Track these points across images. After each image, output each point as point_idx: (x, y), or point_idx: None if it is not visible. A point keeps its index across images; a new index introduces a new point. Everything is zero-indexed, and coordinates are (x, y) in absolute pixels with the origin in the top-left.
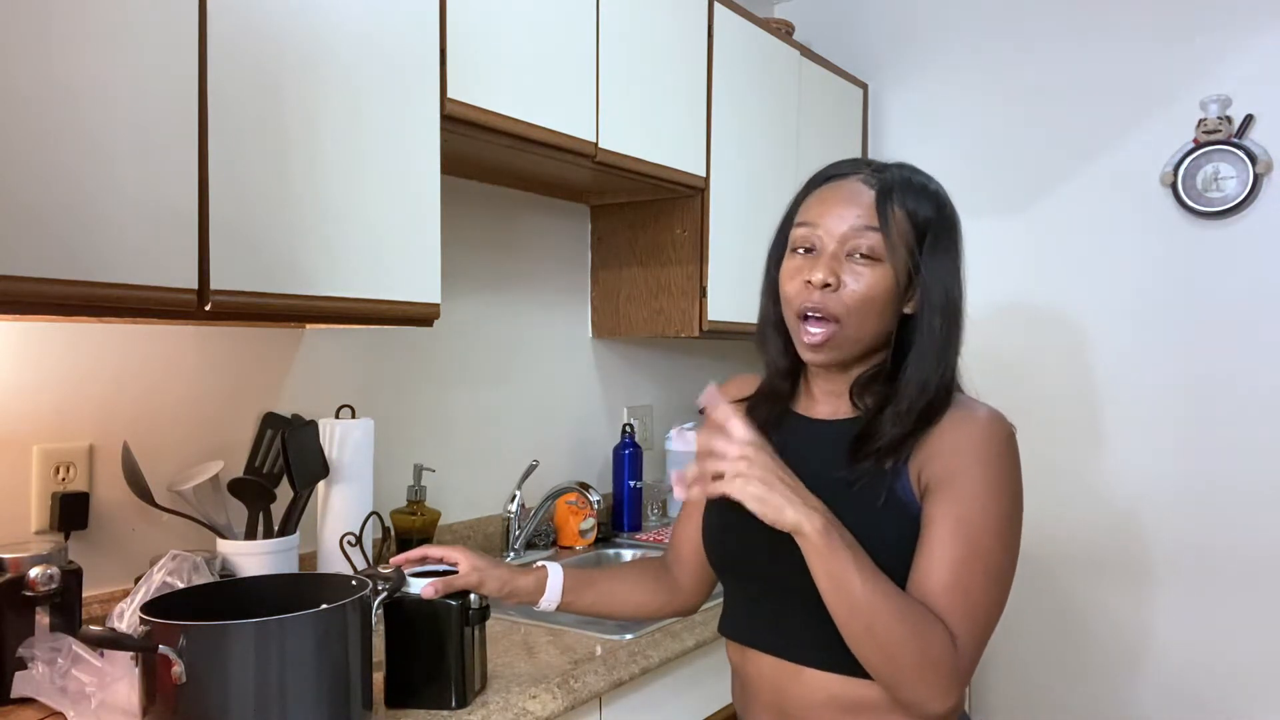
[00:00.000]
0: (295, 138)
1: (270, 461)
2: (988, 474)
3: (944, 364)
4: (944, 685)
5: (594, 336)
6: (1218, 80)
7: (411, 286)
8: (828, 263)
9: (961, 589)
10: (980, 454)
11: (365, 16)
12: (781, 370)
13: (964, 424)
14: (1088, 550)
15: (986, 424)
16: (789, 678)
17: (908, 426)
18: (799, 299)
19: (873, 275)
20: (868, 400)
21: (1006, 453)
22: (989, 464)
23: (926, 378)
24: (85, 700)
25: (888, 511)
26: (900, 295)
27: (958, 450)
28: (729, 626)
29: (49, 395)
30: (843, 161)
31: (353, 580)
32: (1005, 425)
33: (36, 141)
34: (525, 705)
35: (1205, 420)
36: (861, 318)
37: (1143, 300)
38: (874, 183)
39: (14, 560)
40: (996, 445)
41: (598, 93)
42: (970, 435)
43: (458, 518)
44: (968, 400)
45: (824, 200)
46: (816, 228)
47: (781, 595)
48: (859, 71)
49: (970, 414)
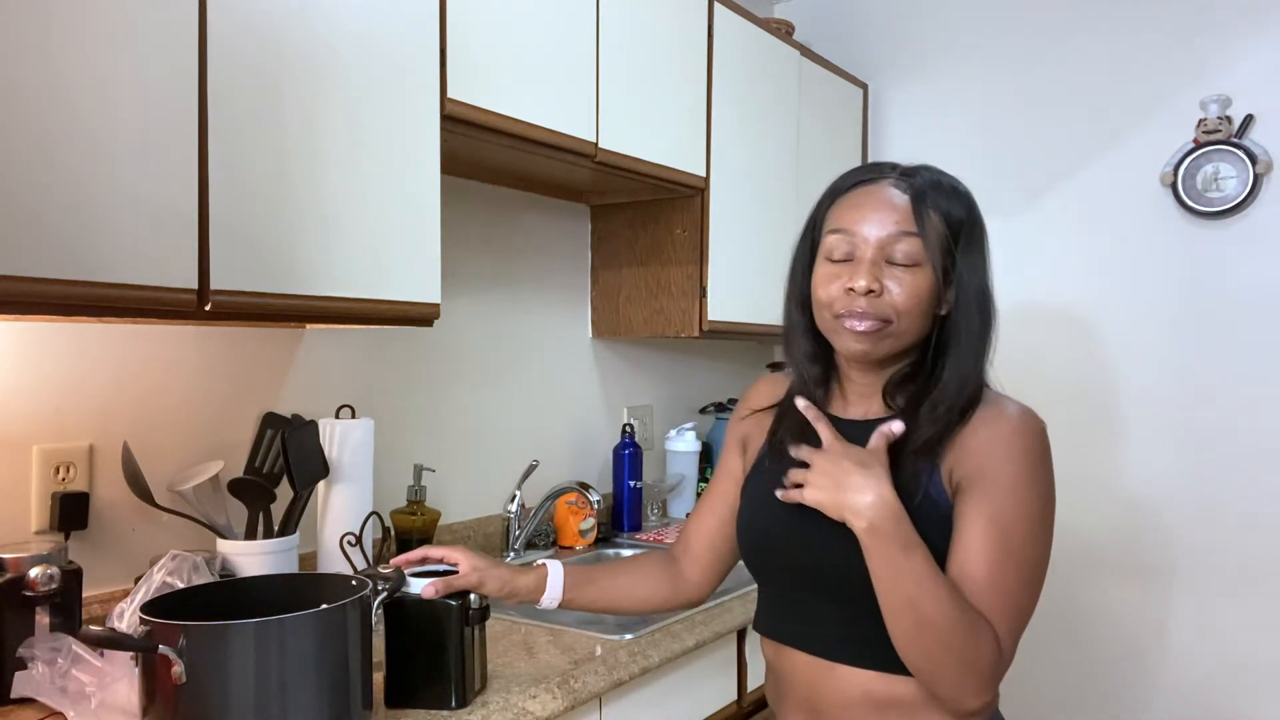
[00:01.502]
0: (295, 138)
1: (270, 461)
2: (1019, 471)
3: (980, 361)
4: (984, 684)
5: (594, 336)
6: (1218, 80)
7: (411, 286)
8: (869, 269)
9: (1000, 588)
10: (1012, 451)
11: (365, 16)
12: (814, 377)
13: (995, 420)
14: (1089, 549)
15: (1018, 420)
16: (822, 674)
17: (944, 426)
18: (840, 304)
19: (914, 280)
20: (899, 400)
21: (1037, 448)
22: (1020, 460)
23: (965, 376)
24: (85, 700)
25: (924, 510)
26: (939, 296)
27: (990, 448)
28: (763, 623)
29: (49, 395)
30: (867, 166)
31: (353, 580)
32: (1037, 421)
33: (36, 141)
34: (525, 705)
35: (1205, 420)
36: (910, 318)
37: (1143, 300)
38: (905, 187)
39: (14, 560)
40: (1027, 441)
41: (598, 93)
42: (1001, 432)
43: (458, 518)
44: (998, 397)
45: (858, 206)
46: (853, 235)
47: (814, 591)
48: (859, 71)
49: (1001, 411)
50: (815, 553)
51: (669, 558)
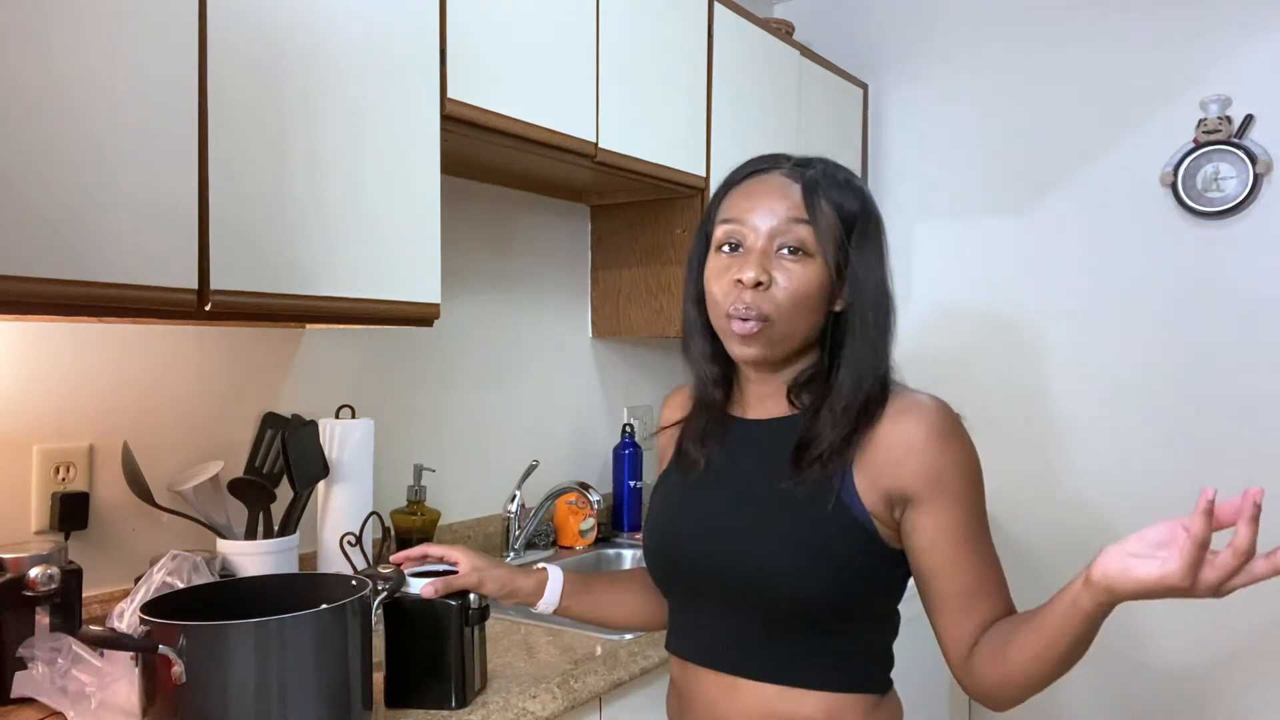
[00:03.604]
0: (295, 138)
1: (270, 461)
2: (955, 467)
3: (879, 358)
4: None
5: (594, 336)
6: (1218, 80)
7: (411, 286)
8: (758, 259)
9: (984, 589)
10: (938, 450)
11: (365, 16)
12: (713, 377)
13: (907, 417)
14: (1087, 549)
15: (933, 415)
16: (725, 691)
17: (846, 427)
18: (727, 300)
19: (804, 271)
20: (804, 399)
21: (956, 438)
22: (949, 455)
23: (861, 374)
24: (85, 700)
25: (836, 517)
26: (831, 291)
27: (912, 449)
28: (669, 639)
29: (49, 395)
30: (761, 157)
31: (352, 580)
32: (949, 412)
33: (37, 142)
34: (525, 705)
35: (1206, 419)
36: (793, 315)
37: (1143, 300)
38: (798, 176)
39: (14, 560)
40: (943, 435)
41: (598, 93)
42: (919, 431)
43: (458, 518)
44: (905, 391)
45: (749, 195)
46: (743, 224)
47: (716, 603)
48: (859, 71)
49: (910, 406)
50: (717, 565)
51: None
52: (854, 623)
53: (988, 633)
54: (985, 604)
